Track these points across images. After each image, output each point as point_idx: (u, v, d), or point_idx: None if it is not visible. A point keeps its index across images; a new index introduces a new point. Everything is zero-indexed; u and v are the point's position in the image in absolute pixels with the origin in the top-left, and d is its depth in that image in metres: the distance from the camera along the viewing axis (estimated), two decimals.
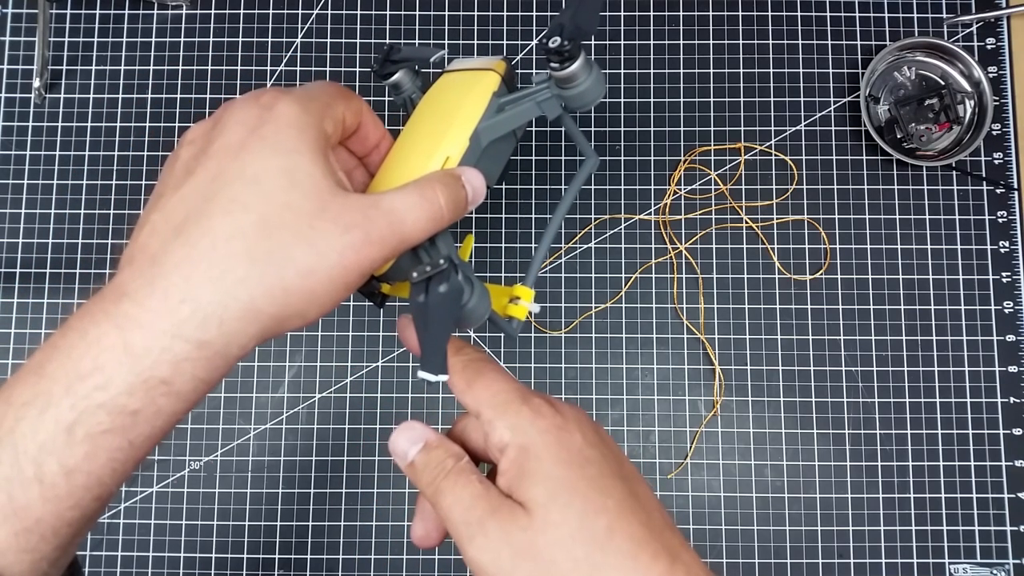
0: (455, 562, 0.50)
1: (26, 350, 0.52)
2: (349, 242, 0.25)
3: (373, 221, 0.25)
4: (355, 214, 0.25)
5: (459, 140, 0.30)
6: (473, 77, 0.32)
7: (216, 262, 0.24)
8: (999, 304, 0.52)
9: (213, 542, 0.50)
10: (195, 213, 0.24)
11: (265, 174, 0.25)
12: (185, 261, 0.24)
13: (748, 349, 0.52)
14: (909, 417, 0.51)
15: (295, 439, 0.51)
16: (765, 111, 0.54)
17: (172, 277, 0.24)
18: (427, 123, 0.32)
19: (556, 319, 0.52)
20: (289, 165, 0.25)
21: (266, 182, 0.25)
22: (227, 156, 0.25)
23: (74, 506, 0.23)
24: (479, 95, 0.31)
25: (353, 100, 0.29)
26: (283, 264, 0.24)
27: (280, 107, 0.26)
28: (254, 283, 0.24)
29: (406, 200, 0.26)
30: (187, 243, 0.24)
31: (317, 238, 0.24)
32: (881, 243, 0.53)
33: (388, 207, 0.26)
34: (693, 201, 0.53)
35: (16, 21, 0.55)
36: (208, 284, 0.23)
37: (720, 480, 0.51)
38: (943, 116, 0.53)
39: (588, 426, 0.27)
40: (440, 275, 0.28)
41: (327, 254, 0.24)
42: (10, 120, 0.54)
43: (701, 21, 0.55)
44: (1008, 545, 0.50)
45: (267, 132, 0.25)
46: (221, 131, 0.26)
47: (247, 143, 0.25)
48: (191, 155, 0.26)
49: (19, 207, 0.54)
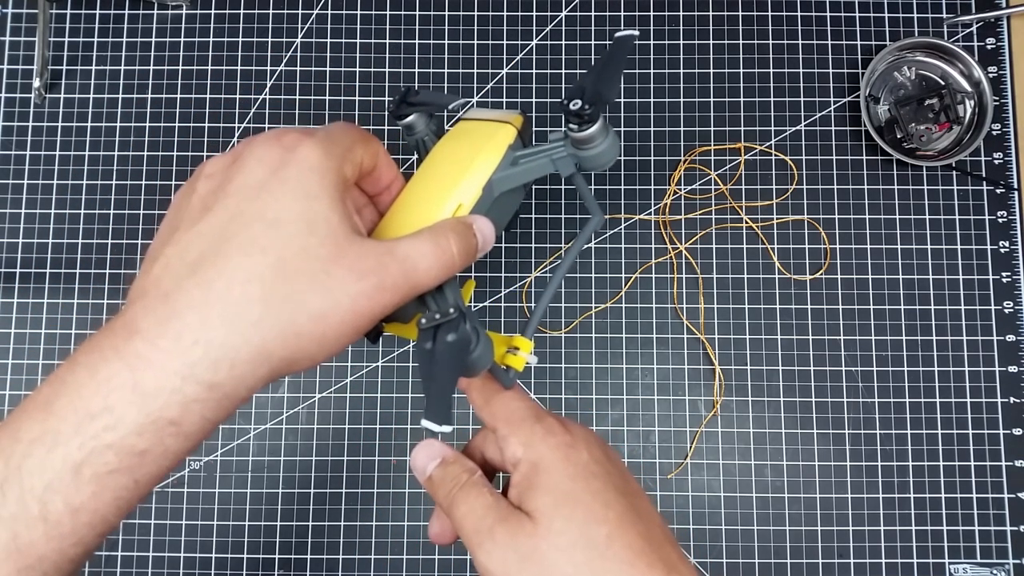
0: (455, 562, 0.50)
1: (26, 350, 0.52)
2: (363, 289, 0.25)
3: (387, 268, 0.26)
4: (370, 261, 0.25)
5: (472, 188, 0.31)
6: (490, 128, 0.33)
7: (231, 304, 0.24)
8: (999, 304, 0.52)
9: (213, 542, 0.50)
10: (212, 252, 0.24)
11: (284, 218, 0.25)
12: (200, 302, 0.24)
13: (748, 349, 0.52)
14: (909, 417, 0.51)
15: (295, 439, 0.51)
16: (765, 111, 0.54)
17: (186, 317, 0.24)
18: (441, 169, 0.32)
19: (556, 319, 0.52)
20: (308, 210, 0.25)
21: (285, 226, 0.25)
22: (247, 196, 0.25)
23: (77, 543, 0.23)
24: (495, 146, 0.32)
25: (371, 143, 0.30)
26: (297, 309, 0.24)
27: (302, 150, 0.26)
28: (267, 327, 0.24)
29: (420, 248, 0.27)
30: (202, 283, 0.24)
31: (332, 284, 0.25)
32: (881, 243, 0.53)
33: (402, 255, 0.26)
34: (693, 201, 0.53)
35: (16, 21, 0.55)
36: (222, 327, 0.23)
37: (720, 480, 0.51)
38: (943, 116, 0.54)
39: (596, 445, 0.29)
40: (449, 324, 0.28)
41: (341, 300, 0.25)
42: (10, 120, 0.54)
43: (701, 21, 0.55)
44: (1008, 545, 0.50)
45: (289, 175, 0.25)
46: (241, 168, 0.26)
47: (268, 184, 0.25)
48: (209, 190, 0.26)
49: (19, 207, 0.54)
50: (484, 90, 0.54)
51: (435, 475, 0.30)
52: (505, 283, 0.53)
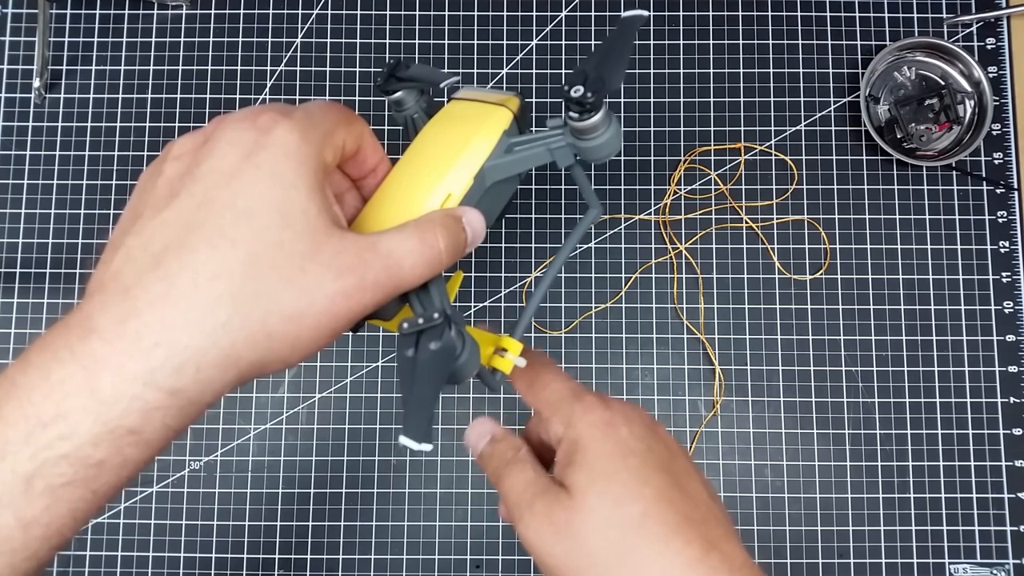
0: (455, 562, 0.50)
1: None
2: (341, 288, 0.23)
3: (369, 265, 0.24)
4: (350, 257, 0.24)
5: (463, 177, 0.28)
6: (485, 111, 0.30)
7: (197, 303, 0.22)
8: (999, 304, 0.52)
9: (213, 542, 0.50)
10: (177, 243, 0.22)
11: (257, 208, 0.23)
12: (162, 299, 0.22)
13: (748, 349, 0.52)
14: (909, 417, 0.51)
15: (295, 439, 0.51)
16: (765, 111, 0.54)
17: (146, 316, 0.22)
18: (430, 154, 0.30)
19: (556, 319, 0.52)
20: (284, 200, 0.23)
21: (258, 217, 0.23)
22: (217, 182, 0.23)
23: (29, 557, 0.22)
24: (489, 131, 0.29)
25: (355, 123, 0.28)
26: (269, 309, 0.22)
27: (279, 132, 0.24)
28: (236, 328, 0.22)
29: (405, 244, 0.25)
30: (165, 277, 0.22)
31: (308, 282, 0.23)
32: (881, 243, 0.53)
33: (385, 250, 0.24)
34: (693, 201, 0.53)
35: (16, 21, 0.55)
36: (186, 327, 0.22)
37: (720, 480, 0.51)
38: (943, 116, 0.53)
39: (637, 421, 0.29)
40: (433, 330, 0.26)
41: (317, 300, 0.23)
42: (10, 120, 0.54)
43: (701, 21, 0.55)
44: (1008, 545, 0.50)
45: (263, 160, 0.23)
46: (212, 151, 0.24)
47: (240, 170, 0.23)
48: (176, 173, 0.24)
49: (19, 207, 0.54)
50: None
51: (485, 451, 0.31)
52: (505, 283, 0.53)
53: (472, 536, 0.50)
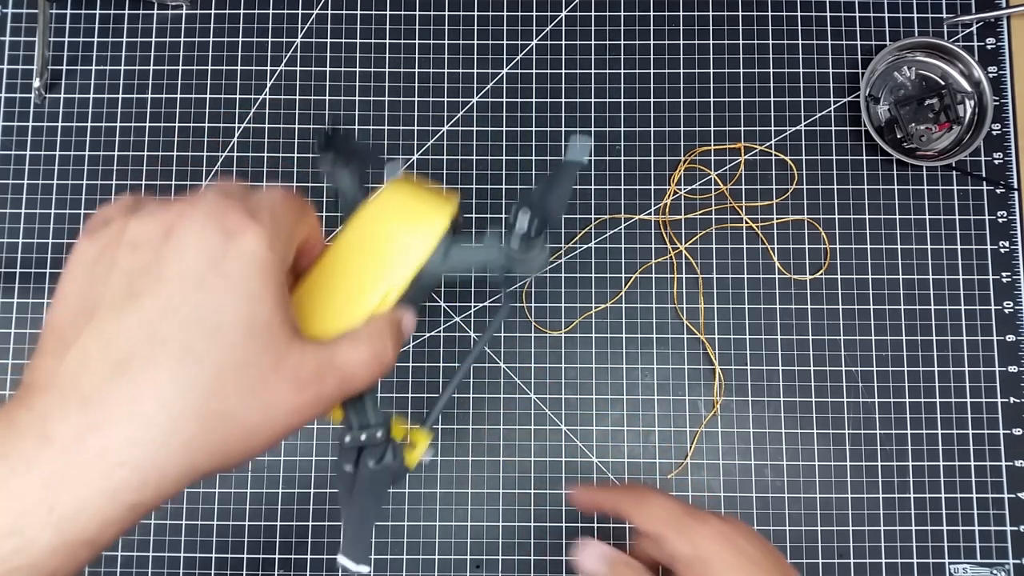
0: (455, 562, 0.50)
1: (26, 350, 0.52)
2: (300, 402, 0.24)
3: (325, 380, 0.24)
4: (309, 370, 0.24)
5: (402, 277, 0.29)
6: (423, 211, 0.30)
7: (162, 422, 0.22)
8: (999, 304, 0.52)
9: (213, 542, 0.50)
10: (141, 354, 0.22)
11: (224, 322, 0.22)
12: (128, 415, 0.21)
13: (748, 349, 0.52)
14: (909, 417, 0.51)
15: (295, 439, 0.51)
16: (765, 111, 0.54)
17: (111, 433, 0.21)
18: (367, 247, 0.29)
19: (556, 319, 0.52)
20: (250, 315, 0.23)
21: (225, 332, 0.22)
22: (183, 288, 0.22)
23: None
24: (428, 233, 0.30)
25: (308, 216, 0.27)
26: (231, 426, 0.23)
27: (246, 241, 0.23)
28: (198, 446, 0.22)
29: (360, 356, 0.26)
30: (130, 392, 0.21)
31: (269, 398, 0.23)
32: (881, 243, 0.53)
33: (341, 363, 0.25)
34: (693, 201, 0.53)
35: (16, 21, 0.55)
36: (151, 445, 0.21)
37: (720, 480, 0.51)
38: (943, 116, 0.54)
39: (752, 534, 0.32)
40: (374, 448, 0.26)
41: (277, 415, 0.23)
42: (10, 120, 0.54)
43: (701, 21, 0.55)
44: (1008, 545, 0.50)
45: (231, 271, 0.23)
46: (176, 251, 0.23)
47: (207, 280, 0.22)
48: (135, 268, 0.23)
49: (19, 207, 0.54)
50: (484, 90, 0.54)
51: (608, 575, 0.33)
52: (491, 282, 0.53)
53: (472, 536, 0.50)
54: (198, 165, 0.54)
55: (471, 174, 0.54)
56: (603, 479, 0.51)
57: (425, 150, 0.54)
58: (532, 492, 0.50)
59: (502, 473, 0.51)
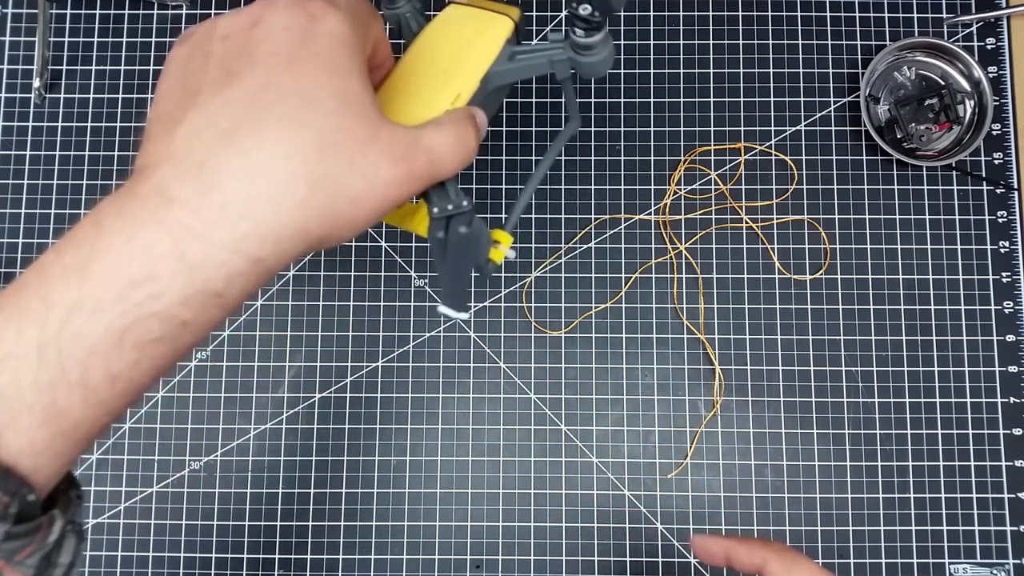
0: (455, 562, 0.50)
1: None
2: (395, 175, 0.25)
3: (416, 157, 0.25)
4: (401, 147, 0.25)
5: (471, 80, 0.30)
6: (486, 19, 0.32)
7: (277, 180, 0.23)
8: (999, 304, 0.52)
9: (213, 542, 0.50)
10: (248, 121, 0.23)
11: (320, 94, 0.23)
12: (241, 174, 0.22)
13: (748, 349, 0.52)
14: (909, 417, 0.51)
15: (295, 439, 0.51)
16: (765, 111, 0.54)
17: (228, 190, 0.22)
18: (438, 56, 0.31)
19: (556, 319, 0.52)
20: (343, 87, 0.24)
21: (322, 103, 0.23)
22: (278, 65, 0.23)
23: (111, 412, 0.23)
24: (493, 39, 0.31)
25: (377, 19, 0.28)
26: (337, 190, 0.23)
27: (331, 22, 0.24)
28: (311, 206, 0.23)
29: (446, 140, 0.27)
30: (242, 153, 0.22)
31: (368, 168, 0.24)
32: (881, 243, 0.53)
33: (429, 144, 0.26)
34: (693, 201, 0.53)
35: (16, 21, 0.55)
36: (269, 203, 0.23)
37: (720, 480, 0.51)
38: (943, 116, 0.54)
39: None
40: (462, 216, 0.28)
41: (376, 184, 0.24)
42: (10, 120, 0.54)
43: (701, 21, 0.55)
44: (1008, 545, 0.50)
45: (320, 48, 0.24)
46: (267, 35, 0.24)
47: (299, 56, 0.24)
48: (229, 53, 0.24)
49: (19, 207, 0.54)
50: None
51: None
52: (505, 283, 0.53)
53: (472, 536, 0.50)
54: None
55: (471, 174, 0.54)
56: (603, 479, 0.51)
57: None
58: (532, 492, 0.50)
59: (502, 473, 0.51)
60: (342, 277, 0.53)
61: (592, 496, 0.50)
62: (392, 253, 0.53)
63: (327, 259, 0.53)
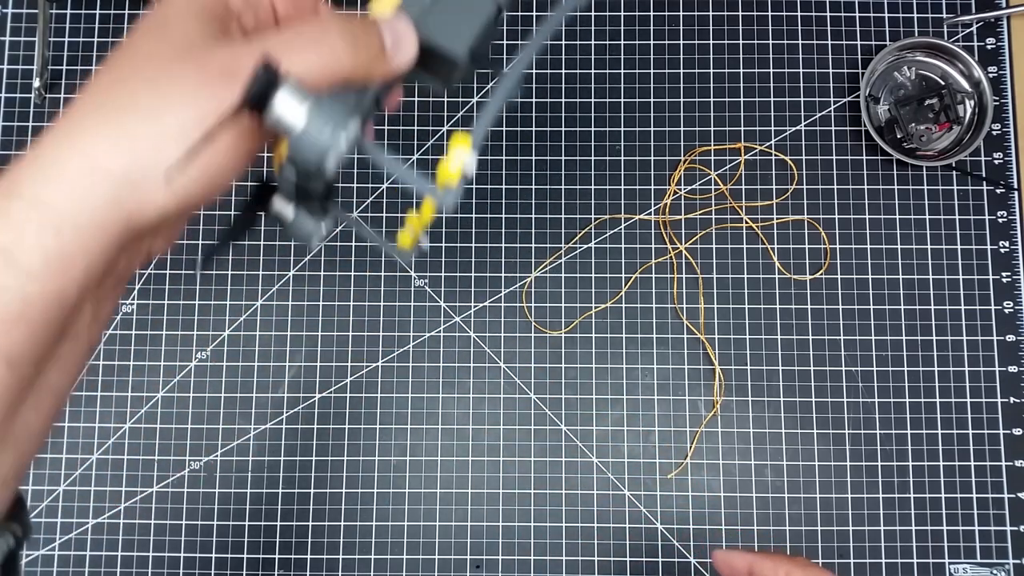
0: (455, 562, 0.50)
1: None
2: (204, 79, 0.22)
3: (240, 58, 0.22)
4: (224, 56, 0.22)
5: None
6: None
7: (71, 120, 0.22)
8: (999, 304, 0.52)
9: (213, 542, 0.50)
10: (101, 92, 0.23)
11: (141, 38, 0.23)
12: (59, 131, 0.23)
13: (748, 349, 0.52)
14: (909, 417, 0.51)
15: (295, 439, 0.51)
16: (765, 111, 0.54)
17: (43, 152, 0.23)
18: None
19: (556, 319, 0.52)
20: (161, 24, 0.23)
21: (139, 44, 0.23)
22: (140, 34, 0.24)
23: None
24: None
25: None
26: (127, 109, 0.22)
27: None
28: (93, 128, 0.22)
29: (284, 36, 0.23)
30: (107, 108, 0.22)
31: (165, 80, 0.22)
32: (881, 243, 0.53)
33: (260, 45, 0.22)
34: (693, 201, 0.53)
35: (16, 21, 0.55)
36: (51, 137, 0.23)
37: (720, 480, 0.51)
38: (943, 116, 0.53)
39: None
40: None
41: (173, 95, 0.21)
42: (10, 120, 0.54)
43: (701, 21, 0.55)
44: (1008, 545, 0.50)
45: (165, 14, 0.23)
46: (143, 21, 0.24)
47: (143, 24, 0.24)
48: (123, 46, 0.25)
49: None
50: (484, 90, 0.54)
51: None
52: (505, 283, 0.53)
53: (472, 536, 0.50)
54: None
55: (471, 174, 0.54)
56: (603, 479, 0.51)
57: (425, 150, 0.54)
58: (532, 492, 0.50)
59: (502, 473, 0.51)
60: (342, 277, 0.53)
61: (592, 496, 0.50)
62: (392, 253, 0.53)
63: (327, 259, 0.53)
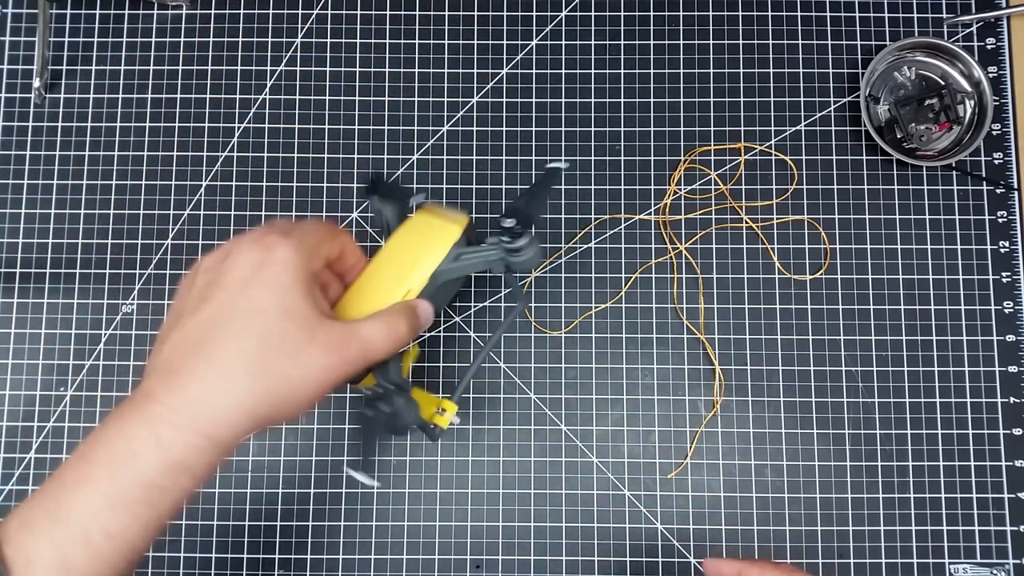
0: (455, 562, 0.50)
1: (26, 350, 0.52)
2: (330, 363, 0.32)
3: (348, 346, 0.33)
4: (336, 340, 0.32)
5: (420, 278, 0.38)
6: (440, 226, 0.39)
7: (227, 376, 0.30)
8: (999, 304, 0.52)
9: (213, 542, 0.50)
10: (212, 334, 0.31)
11: (266, 307, 0.31)
12: (202, 375, 0.30)
13: (748, 349, 0.52)
14: (909, 417, 0.51)
15: (295, 439, 0.51)
16: (765, 111, 0.54)
17: (192, 387, 0.30)
18: (397, 257, 0.39)
19: (556, 319, 0.52)
20: (284, 300, 0.31)
21: (266, 313, 0.31)
22: (236, 288, 0.31)
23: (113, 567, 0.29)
24: (443, 243, 0.38)
25: (339, 236, 0.36)
26: (277, 380, 0.31)
27: (279, 250, 0.32)
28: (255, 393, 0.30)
29: (376, 330, 0.34)
30: (204, 359, 0.30)
31: (305, 360, 0.31)
32: (881, 243, 0.53)
33: (362, 334, 0.33)
34: (693, 201, 0.53)
35: (16, 21, 0.55)
36: (220, 394, 0.30)
37: (720, 480, 0.51)
38: (943, 116, 0.53)
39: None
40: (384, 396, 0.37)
41: (311, 372, 0.31)
42: (10, 120, 0.54)
43: (701, 21, 0.55)
44: (1008, 545, 0.50)
45: (268, 272, 0.32)
46: (232, 266, 0.32)
47: (252, 280, 0.31)
48: (206, 283, 0.32)
49: (19, 207, 0.54)
50: (484, 90, 0.54)
51: None
52: (506, 282, 0.53)
53: (472, 536, 0.50)
54: (198, 165, 0.54)
55: (471, 174, 0.54)
56: (603, 479, 0.51)
57: (425, 150, 0.54)
58: (532, 492, 0.51)
59: (502, 473, 0.51)
60: None
61: (592, 496, 0.50)
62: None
63: None
